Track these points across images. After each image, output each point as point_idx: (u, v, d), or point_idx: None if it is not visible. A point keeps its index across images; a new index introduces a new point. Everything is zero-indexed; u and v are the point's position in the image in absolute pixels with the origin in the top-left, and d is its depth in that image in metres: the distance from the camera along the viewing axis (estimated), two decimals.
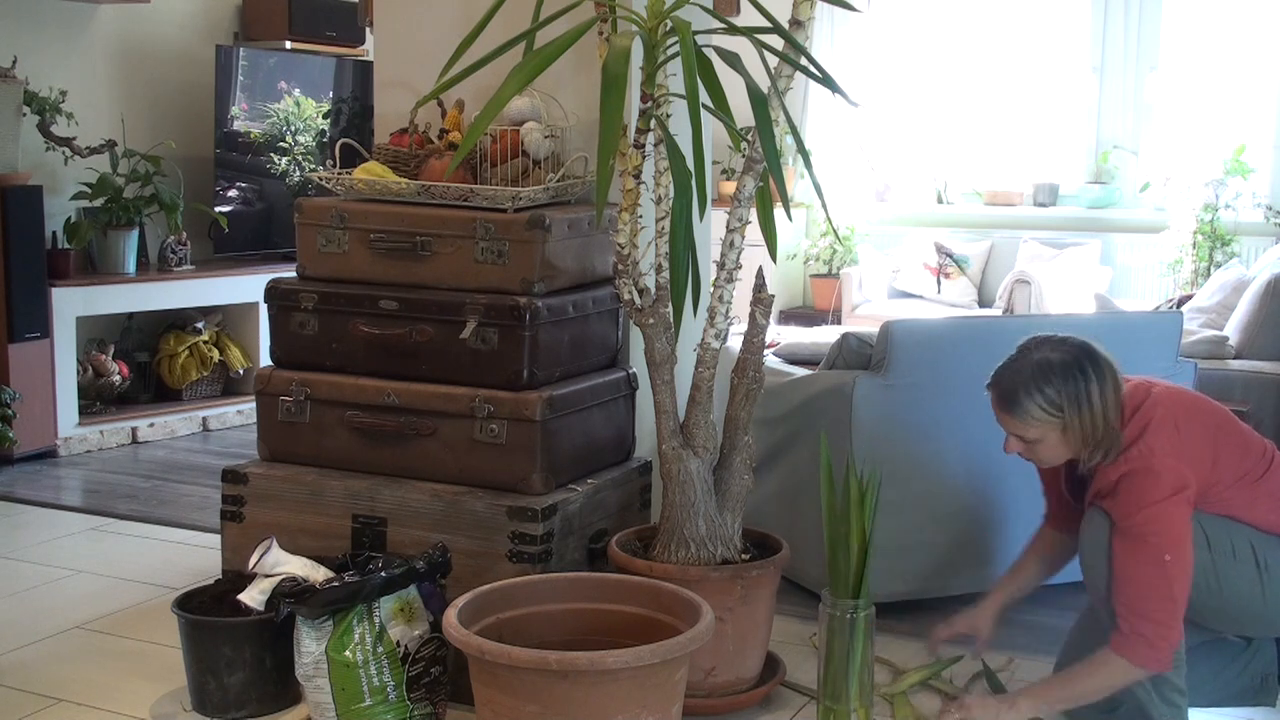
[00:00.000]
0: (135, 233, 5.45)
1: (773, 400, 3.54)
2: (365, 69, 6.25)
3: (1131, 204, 7.54)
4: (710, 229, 3.32)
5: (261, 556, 2.79)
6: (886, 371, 3.30)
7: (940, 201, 8.13)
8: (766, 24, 2.69)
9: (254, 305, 5.82)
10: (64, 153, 5.23)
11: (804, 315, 8.01)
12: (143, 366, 5.78)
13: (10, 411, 4.46)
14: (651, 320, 2.79)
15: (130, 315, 5.75)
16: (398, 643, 2.56)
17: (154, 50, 5.87)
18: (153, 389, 5.80)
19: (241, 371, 5.88)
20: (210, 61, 5.84)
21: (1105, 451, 2.53)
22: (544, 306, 2.91)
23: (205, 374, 5.79)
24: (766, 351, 3.17)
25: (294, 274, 3.20)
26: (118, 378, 5.54)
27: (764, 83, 2.67)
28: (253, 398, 3.32)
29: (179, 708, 2.82)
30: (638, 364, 3.13)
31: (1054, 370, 2.52)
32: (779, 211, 2.92)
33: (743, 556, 2.85)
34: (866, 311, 7.49)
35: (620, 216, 2.75)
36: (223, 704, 2.75)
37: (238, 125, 5.91)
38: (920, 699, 2.86)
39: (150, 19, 5.80)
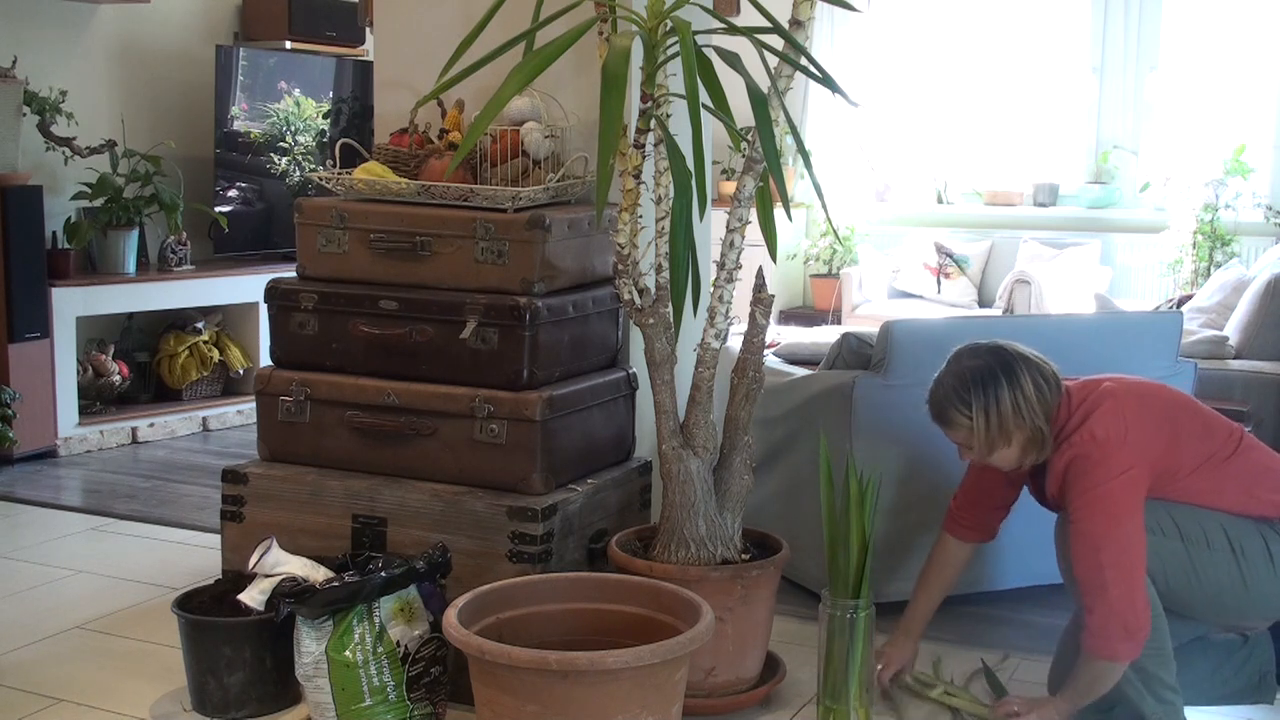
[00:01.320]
0: (135, 233, 5.45)
1: (773, 400, 3.54)
2: (365, 69, 6.25)
3: (1131, 204, 7.54)
4: (710, 229, 3.32)
5: (261, 556, 2.79)
6: (886, 371, 3.30)
7: (940, 201, 8.13)
8: (766, 24, 2.69)
9: (254, 305, 5.81)
10: (64, 153, 5.23)
11: (804, 315, 8.01)
12: (143, 366, 5.78)
13: (10, 411, 4.45)
14: (651, 320, 2.79)
15: (130, 315, 5.75)
16: (398, 643, 2.56)
17: (154, 50, 5.87)
18: (153, 389, 5.80)
19: (241, 371, 5.88)
20: (210, 61, 5.84)
21: (1039, 449, 2.61)
22: (544, 306, 2.91)
23: (205, 374, 5.79)
24: (766, 351, 3.17)
25: (294, 274, 3.20)
26: (118, 378, 5.54)
27: (764, 83, 2.67)
28: (253, 398, 3.32)
29: (179, 708, 2.82)
30: (638, 364, 3.13)
31: (969, 378, 2.62)
32: (779, 211, 2.92)
33: (743, 556, 2.85)
34: (866, 311, 7.49)
35: (620, 216, 2.75)
36: (223, 704, 2.75)
37: (238, 125, 5.91)
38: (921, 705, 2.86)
39: (150, 19, 5.80)
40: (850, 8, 2.89)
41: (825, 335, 4.40)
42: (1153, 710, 2.55)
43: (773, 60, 2.71)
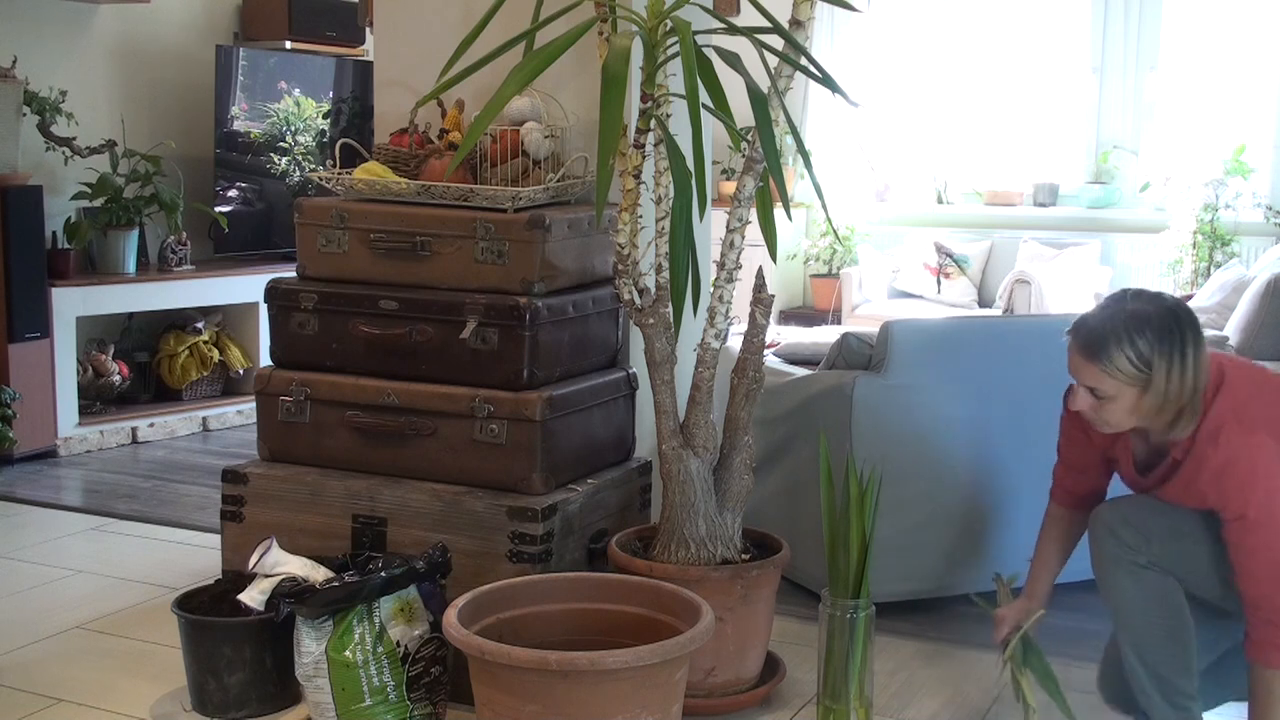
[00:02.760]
0: (135, 233, 5.45)
1: (773, 400, 3.54)
2: (365, 69, 6.25)
3: (1131, 204, 7.55)
4: (710, 229, 3.32)
5: (261, 556, 2.79)
6: (886, 371, 3.30)
7: (940, 201, 8.13)
8: (766, 24, 2.69)
9: (254, 305, 5.82)
10: (64, 153, 5.23)
11: (804, 315, 8.02)
12: (143, 366, 5.78)
13: (10, 411, 4.47)
14: (651, 320, 2.79)
15: (130, 315, 5.75)
16: (398, 643, 2.56)
17: (154, 50, 5.87)
18: (153, 389, 5.80)
19: (241, 371, 5.88)
20: (210, 61, 5.84)
21: (1181, 419, 2.36)
22: (544, 306, 2.91)
23: (205, 374, 5.79)
24: (766, 351, 3.16)
25: (294, 274, 3.20)
26: (118, 378, 5.54)
27: (764, 83, 2.67)
28: (253, 398, 3.32)
29: (179, 708, 2.81)
30: (638, 364, 3.13)
31: (1149, 323, 2.32)
32: (779, 211, 2.92)
33: (743, 556, 2.85)
34: (866, 311, 7.49)
35: (620, 216, 2.75)
36: (223, 704, 2.75)
37: (238, 125, 5.91)
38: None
39: (150, 19, 5.80)
40: (850, 8, 2.89)
41: (825, 335, 4.40)
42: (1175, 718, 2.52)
43: (773, 60, 2.71)
